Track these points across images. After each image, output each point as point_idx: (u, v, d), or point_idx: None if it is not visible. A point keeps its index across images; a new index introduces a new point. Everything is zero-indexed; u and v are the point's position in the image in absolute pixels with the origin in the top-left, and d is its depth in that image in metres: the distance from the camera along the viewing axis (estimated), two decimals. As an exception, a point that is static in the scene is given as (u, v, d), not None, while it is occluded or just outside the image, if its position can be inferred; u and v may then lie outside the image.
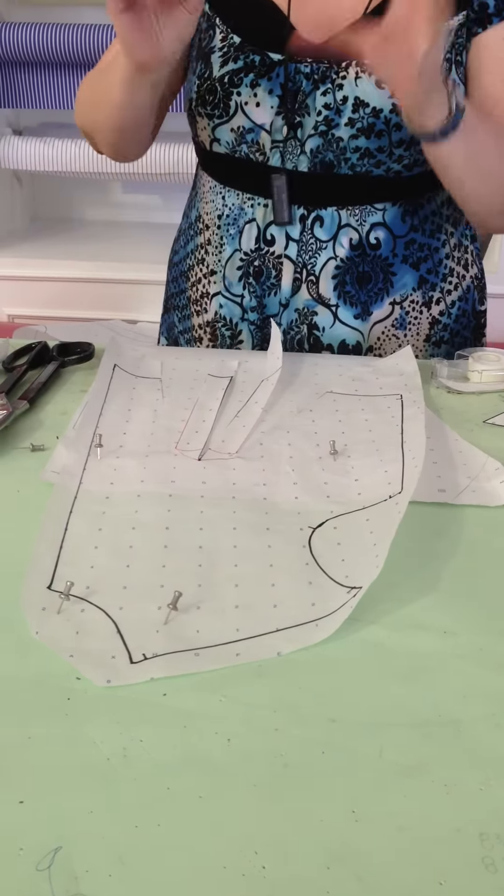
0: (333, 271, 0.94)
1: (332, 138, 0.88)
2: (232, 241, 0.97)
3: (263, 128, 0.90)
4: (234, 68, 0.89)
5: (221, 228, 0.98)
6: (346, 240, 0.93)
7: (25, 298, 2.22)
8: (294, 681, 0.50)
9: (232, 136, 0.92)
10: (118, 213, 2.55)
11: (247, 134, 0.91)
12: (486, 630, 0.54)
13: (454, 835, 0.41)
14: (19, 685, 0.49)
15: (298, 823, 0.41)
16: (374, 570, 0.56)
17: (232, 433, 0.77)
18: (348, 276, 0.95)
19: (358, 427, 0.78)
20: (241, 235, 0.96)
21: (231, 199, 0.97)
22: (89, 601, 0.55)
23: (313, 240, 0.94)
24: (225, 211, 0.98)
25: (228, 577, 0.58)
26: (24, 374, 0.88)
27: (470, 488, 0.69)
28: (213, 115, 0.91)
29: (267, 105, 0.89)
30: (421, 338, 1.01)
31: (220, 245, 0.99)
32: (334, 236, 0.93)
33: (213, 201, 0.99)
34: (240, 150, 0.92)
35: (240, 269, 0.98)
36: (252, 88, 0.89)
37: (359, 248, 0.94)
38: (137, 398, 0.82)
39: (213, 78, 0.90)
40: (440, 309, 1.00)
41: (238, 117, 0.90)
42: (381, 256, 0.95)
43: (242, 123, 0.90)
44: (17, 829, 0.40)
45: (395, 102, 0.86)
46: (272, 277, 0.96)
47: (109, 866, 0.39)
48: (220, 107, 0.90)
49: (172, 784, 0.43)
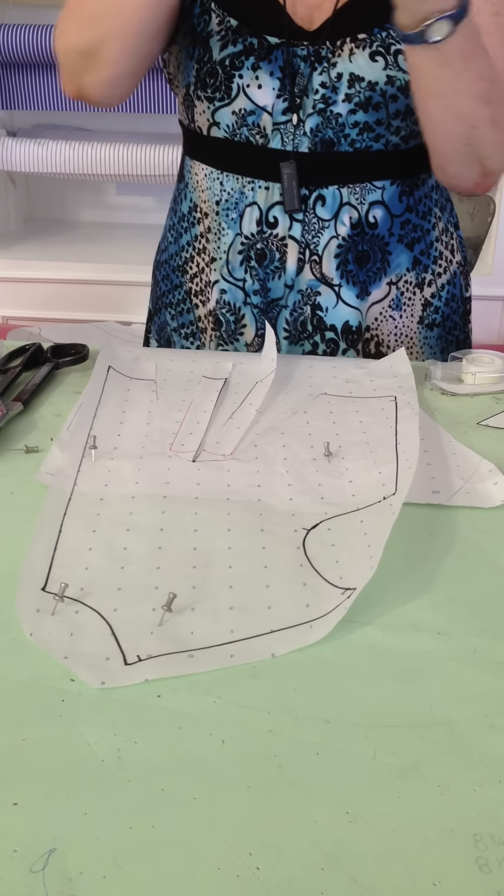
0: (336, 250, 0.95)
1: (330, 115, 0.89)
2: (233, 225, 0.97)
3: (265, 109, 0.91)
4: (235, 51, 0.90)
5: (220, 214, 0.98)
6: (347, 218, 0.94)
7: (19, 300, 2.22)
8: (288, 682, 0.50)
9: (233, 118, 0.92)
10: (112, 215, 2.55)
11: (248, 116, 0.91)
12: (480, 631, 0.54)
13: (448, 835, 0.41)
14: (13, 687, 0.49)
15: (293, 825, 0.41)
16: (368, 571, 0.56)
17: (226, 435, 0.77)
18: (350, 254, 0.96)
19: (352, 429, 0.78)
20: (242, 219, 0.96)
21: (230, 183, 0.97)
22: (83, 603, 0.55)
23: (316, 219, 0.94)
24: (223, 196, 0.97)
25: (223, 578, 0.58)
26: (19, 375, 0.87)
27: (464, 490, 0.69)
28: (213, 97, 0.92)
29: (269, 87, 0.90)
30: (415, 319, 1.02)
31: (220, 231, 0.99)
32: (335, 215, 0.94)
33: (209, 188, 0.98)
34: (240, 134, 0.93)
35: (241, 254, 0.98)
36: (254, 71, 0.89)
37: (358, 226, 0.95)
38: (132, 400, 0.82)
39: (213, 61, 0.90)
40: (431, 291, 1.02)
41: (240, 100, 0.91)
42: (379, 235, 0.96)
43: (244, 106, 0.91)
44: (12, 831, 0.40)
45: (389, 74, 0.87)
46: (276, 260, 0.96)
47: (104, 868, 0.39)
48: (221, 89, 0.91)
49: (167, 785, 0.43)
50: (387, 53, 0.87)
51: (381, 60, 0.87)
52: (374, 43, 0.87)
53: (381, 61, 0.87)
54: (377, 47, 0.87)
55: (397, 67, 0.87)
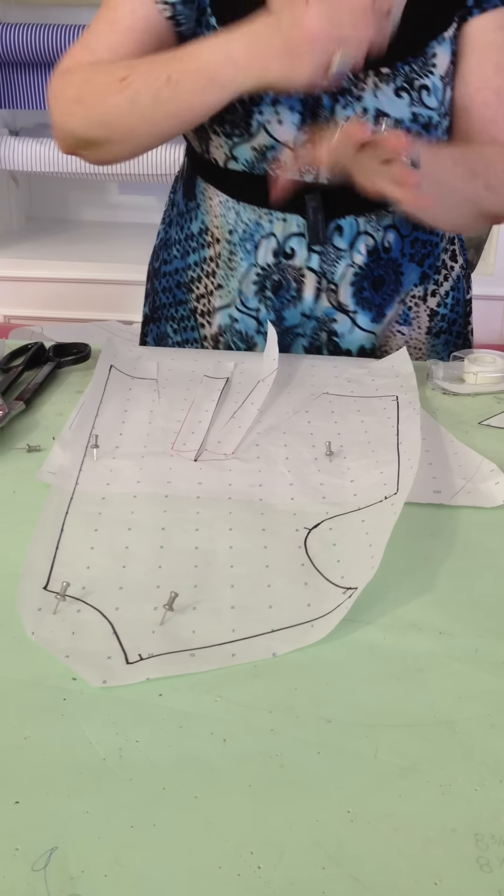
0: (352, 278, 0.95)
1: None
2: (248, 255, 0.95)
3: (286, 145, 0.88)
4: None
5: (234, 244, 0.96)
6: (363, 246, 0.93)
7: (21, 299, 2.22)
8: (290, 681, 0.50)
9: (252, 153, 0.89)
10: (114, 214, 2.54)
11: (268, 151, 0.89)
12: (482, 631, 0.54)
13: (449, 835, 0.41)
14: (15, 686, 0.49)
15: (294, 824, 0.41)
16: (369, 570, 0.56)
17: (228, 434, 0.77)
18: (366, 281, 0.95)
19: (354, 428, 0.78)
20: (258, 250, 0.95)
21: (246, 214, 0.94)
22: (85, 602, 0.55)
23: (333, 249, 0.94)
24: (239, 227, 0.95)
25: (224, 577, 0.58)
26: (21, 374, 0.88)
27: (465, 489, 0.69)
28: (232, 133, 0.89)
29: (289, 122, 0.87)
30: (422, 331, 1.02)
31: (231, 260, 0.97)
32: (352, 244, 0.93)
33: (223, 216, 0.96)
34: (259, 167, 0.90)
35: (255, 284, 0.96)
36: (273, 106, 0.86)
37: (374, 253, 0.94)
38: (134, 399, 0.82)
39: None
40: (437, 300, 1.01)
41: (260, 136, 0.88)
42: (393, 258, 0.95)
43: (264, 142, 0.88)
44: (13, 830, 0.40)
45: (414, 111, 0.87)
46: (292, 289, 0.95)
47: (105, 866, 0.39)
48: (240, 126, 0.88)
49: (168, 784, 0.43)
50: (411, 89, 0.86)
51: (406, 96, 0.86)
52: (398, 77, 0.86)
53: (405, 97, 0.86)
54: (402, 82, 0.86)
55: (422, 104, 0.87)
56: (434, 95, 0.87)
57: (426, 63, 0.87)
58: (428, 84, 0.87)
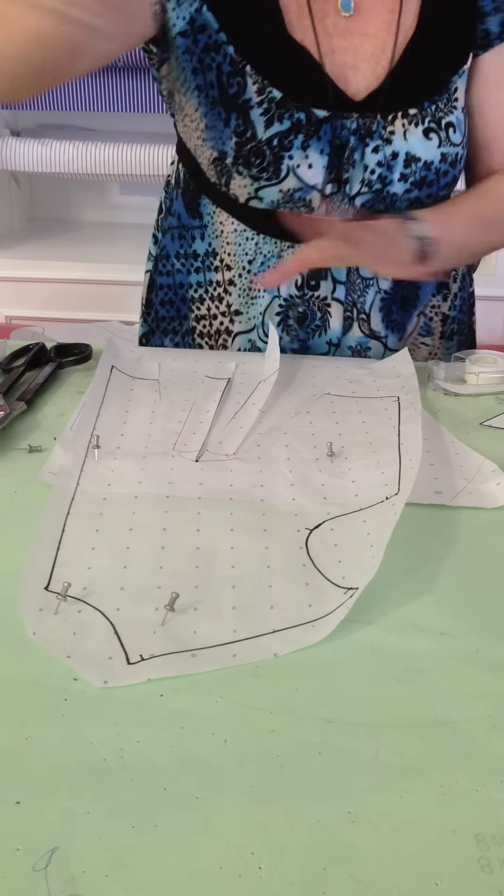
0: (380, 304, 0.95)
1: (386, 195, 0.87)
2: (270, 289, 0.94)
3: (315, 188, 0.86)
4: (282, 129, 0.83)
5: (254, 274, 0.95)
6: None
7: (23, 299, 2.22)
8: (291, 682, 0.50)
9: (279, 195, 0.87)
10: (116, 215, 2.55)
11: (296, 193, 0.87)
12: (483, 631, 0.54)
13: (450, 836, 0.41)
14: (16, 686, 0.49)
15: (295, 824, 0.41)
16: (370, 571, 0.56)
17: (229, 435, 0.77)
18: (394, 305, 0.95)
19: (355, 429, 0.78)
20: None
21: (267, 246, 0.93)
22: (86, 602, 0.55)
23: (359, 279, 0.93)
24: (259, 259, 0.93)
25: (225, 578, 0.58)
26: (22, 375, 0.88)
27: (466, 490, 0.69)
28: (259, 177, 0.86)
29: (319, 165, 0.85)
30: (437, 336, 1.02)
31: (251, 291, 0.95)
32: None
33: (240, 245, 0.94)
34: (284, 206, 0.88)
35: (278, 315, 0.95)
36: (304, 150, 0.84)
37: None
38: (135, 399, 0.82)
39: (258, 140, 0.84)
40: (448, 304, 1.01)
41: (290, 180, 0.86)
42: None
43: (293, 186, 0.86)
44: (14, 830, 0.40)
45: (443, 152, 0.86)
46: (317, 319, 0.95)
47: (106, 867, 0.39)
48: (269, 170, 0.85)
49: (169, 785, 0.43)
50: (439, 129, 0.86)
51: (435, 138, 0.86)
52: (426, 118, 0.85)
53: (434, 139, 0.86)
54: (429, 123, 0.85)
55: (449, 143, 0.86)
56: (459, 130, 0.87)
57: (450, 99, 0.87)
58: (453, 120, 0.86)
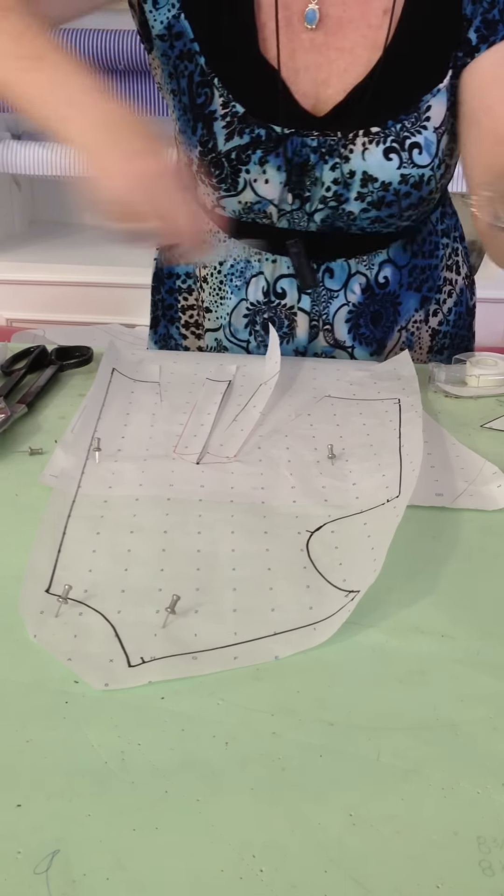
0: (346, 315, 0.94)
1: (342, 212, 0.86)
2: (238, 291, 0.95)
3: (272, 202, 0.87)
4: (241, 144, 0.84)
5: (224, 276, 0.95)
6: (357, 286, 0.93)
7: (24, 302, 2.23)
8: (292, 684, 0.50)
9: (239, 206, 0.88)
10: (117, 218, 2.55)
11: (254, 205, 0.88)
12: (484, 634, 0.54)
13: (452, 838, 0.41)
14: (17, 689, 0.49)
15: (296, 827, 0.41)
16: (371, 573, 0.56)
17: (230, 437, 0.77)
18: (361, 319, 0.95)
19: (356, 431, 0.78)
20: (248, 287, 0.94)
21: (236, 250, 0.94)
22: (87, 605, 0.55)
23: (325, 290, 0.93)
24: (228, 260, 0.94)
25: (226, 580, 0.58)
26: (23, 377, 0.88)
27: (467, 492, 0.69)
28: (219, 187, 0.87)
29: (276, 181, 0.86)
30: (424, 350, 1.02)
31: (221, 291, 0.96)
32: (345, 284, 0.93)
33: (213, 245, 0.95)
34: (246, 217, 0.89)
35: (246, 318, 0.96)
36: (261, 166, 0.85)
37: (368, 290, 0.93)
38: (136, 402, 0.82)
39: (218, 151, 0.85)
40: (438, 319, 1.00)
41: (246, 193, 0.87)
42: (390, 292, 0.95)
43: (250, 199, 0.87)
44: (15, 833, 0.40)
45: (403, 173, 0.84)
46: (284, 327, 0.95)
47: (107, 870, 0.39)
48: (227, 181, 0.86)
49: (170, 787, 0.43)
50: (401, 149, 0.83)
51: (396, 158, 0.83)
52: (388, 138, 0.83)
53: (395, 159, 0.83)
54: (391, 143, 0.83)
55: (412, 164, 0.84)
56: (427, 151, 0.84)
57: (419, 119, 0.84)
58: (420, 141, 0.83)
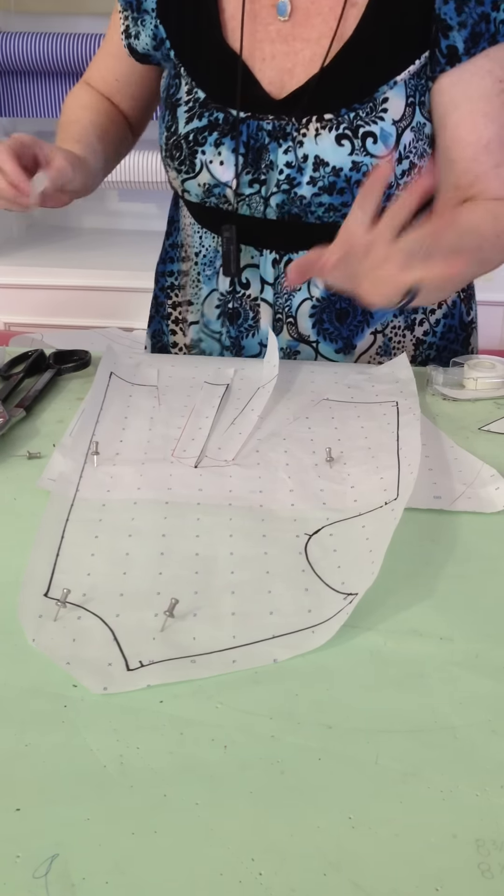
0: (310, 311, 0.94)
1: (295, 196, 0.87)
2: (208, 281, 0.97)
3: (228, 185, 0.89)
4: (199, 126, 0.88)
5: (199, 266, 0.98)
6: (320, 280, 0.91)
7: (22, 306, 2.23)
8: (290, 688, 0.50)
9: (200, 189, 0.91)
10: (114, 222, 2.55)
11: (213, 188, 0.90)
12: (482, 636, 0.54)
13: (450, 841, 0.41)
14: (16, 693, 0.49)
15: (295, 830, 0.41)
16: (370, 576, 0.56)
17: (228, 440, 0.77)
18: (325, 314, 0.94)
19: (354, 434, 0.78)
20: (218, 276, 0.96)
21: (207, 240, 0.96)
22: (86, 608, 0.55)
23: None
24: (202, 251, 0.97)
25: (225, 584, 0.58)
26: (21, 381, 0.88)
27: (465, 495, 0.69)
28: (180, 170, 0.91)
29: (230, 164, 0.88)
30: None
31: (197, 282, 0.99)
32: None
33: (191, 237, 0.98)
34: (209, 202, 0.91)
35: (218, 308, 0.97)
36: (216, 147, 0.87)
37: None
38: (134, 406, 0.83)
39: (178, 134, 0.89)
40: (424, 329, 0.99)
41: (203, 174, 0.89)
42: None
43: (208, 181, 0.89)
44: (15, 837, 0.40)
45: (354, 160, 0.84)
46: (249, 319, 0.95)
47: (106, 874, 0.39)
48: (186, 163, 0.89)
49: (169, 791, 0.43)
50: (354, 137, 0.84)
51: (348, 145, 0.84)
52: (342, 125, 0.83)
53: (346, 146, 0.84)
54: (344, 129, 0.83)
55: (364, 152, 0.84)
56: (382, 142, 0.84)
57: (374, 109, 0.84)
58: (375, 131, 0.84)
